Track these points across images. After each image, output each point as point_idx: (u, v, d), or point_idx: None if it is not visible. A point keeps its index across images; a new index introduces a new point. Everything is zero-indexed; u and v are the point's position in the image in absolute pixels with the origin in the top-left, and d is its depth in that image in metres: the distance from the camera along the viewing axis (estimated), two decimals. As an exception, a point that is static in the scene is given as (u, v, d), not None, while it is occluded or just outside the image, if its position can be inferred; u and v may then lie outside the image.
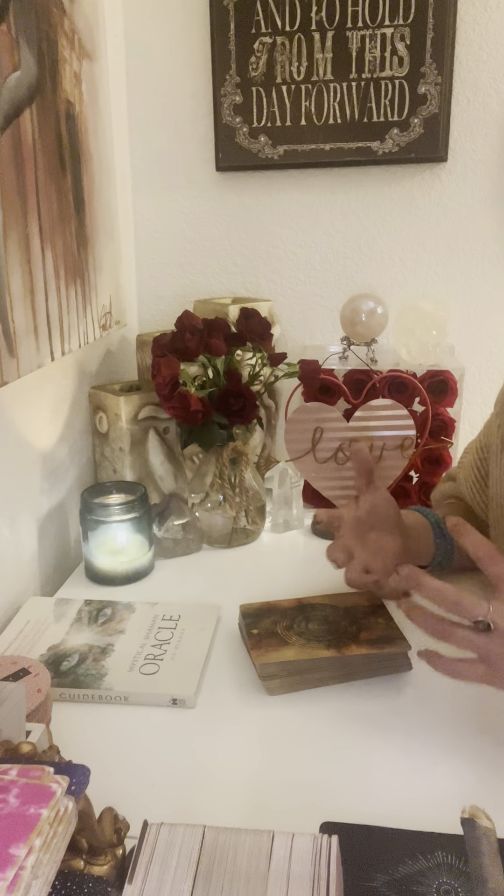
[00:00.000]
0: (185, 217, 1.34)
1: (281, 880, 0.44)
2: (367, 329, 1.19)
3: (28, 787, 0.43)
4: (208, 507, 1.10)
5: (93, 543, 0.99)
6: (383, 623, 0.81)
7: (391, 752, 0.68)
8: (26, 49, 0.85)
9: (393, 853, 0.54)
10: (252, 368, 1.09)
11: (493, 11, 1.16)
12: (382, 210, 1.28)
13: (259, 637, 0.79)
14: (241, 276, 1.35)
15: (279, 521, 1.16)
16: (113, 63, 1.19)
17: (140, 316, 1.40)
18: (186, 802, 0.62)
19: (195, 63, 1.25)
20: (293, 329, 1.36)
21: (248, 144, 1.25)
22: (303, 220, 1.31)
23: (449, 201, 1.26)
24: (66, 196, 0.99)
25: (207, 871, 0.45)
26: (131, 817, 0.55)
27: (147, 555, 1.01)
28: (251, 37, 1.20)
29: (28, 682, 0.68)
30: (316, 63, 1.20)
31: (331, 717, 0.72)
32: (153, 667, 0.79)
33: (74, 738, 0.68)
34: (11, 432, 0.94)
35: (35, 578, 1.00)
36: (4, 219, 0.81)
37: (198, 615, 0.88)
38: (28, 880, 0.39)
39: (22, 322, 0.86)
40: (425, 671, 0.78)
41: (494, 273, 1.28)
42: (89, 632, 0.85)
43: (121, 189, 1.26)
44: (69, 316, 1.01)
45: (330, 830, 0.50)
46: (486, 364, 1.32)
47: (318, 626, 0.81)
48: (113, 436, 1.12)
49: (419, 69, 1.17)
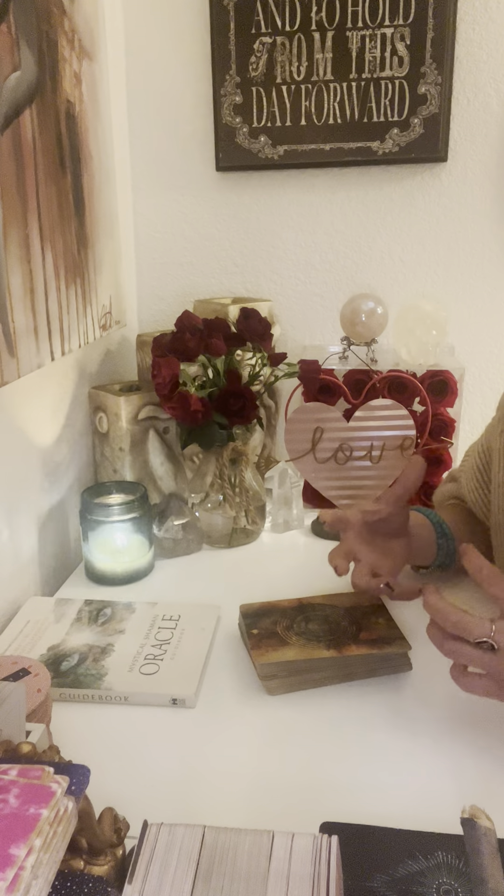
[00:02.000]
0: (185, 217, 1.34)
1: (281, 880, 0.44)
2: (367, 329, 1.19)
3: (28, 787, 0.43)
4: (208, 507, 1.10)
5: (93, 543, 0.99)
6: (383, 623, 0.81)
7: (391, 752, 0.68)
8: (26, 49, 0.85)
9: (393, 853, 0.54)
10: (252, 368, 1.09)
11: (493, 11, 1.16)
12: (382, 210, 1.28)
13: (259, 637, 0.79)
14: (241, 276, 1.35)
15: (279, 521, 1.16)
16: (113, 63, 1.19)
17: (140, 316, 1.40)
18: (186, 802, 0.62)
19: (195, 63, 1.25)
20: (293, 329, 1.36)
21: (248, 144, 1.25)
22: (303, 220, 1.31)
23: (449, 201, 1.26)
24: (66, 196, 0.99)
25: (207, 871, 0.45)
26: (131, 817, 0.55)
27: (147, 555, 1.01)
28: (251, 37, 1.20)
29: (28, 682, 0.67)
30: (316, 63, 1.20)
31: (331, 717, 0.72)
32: (153, 667, 0.79)
33: (74, 738, 0.69)
34: (12, 432, 0.94)
35: (35, 578, 1.00)
36: (4, 219, 0.81)
37: (198, 615, 0.88)
38: (28, 880, 0.39)
39: (22, 322, 0.86)
40: (425, 671, 0.78)
41: (494, 273, 1.28)
42: (89, 632, 0.85)
43: (121, 189, 1.26)
44: (69, 316, 1.01)
45: (330, 830, 0.50)
46: (486, 364, 1.32)
47: (318, 627, 0.80)
48: (113, 436, 1.12)
49: (419, 69, 1.17)
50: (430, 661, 0.80)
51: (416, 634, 0.81)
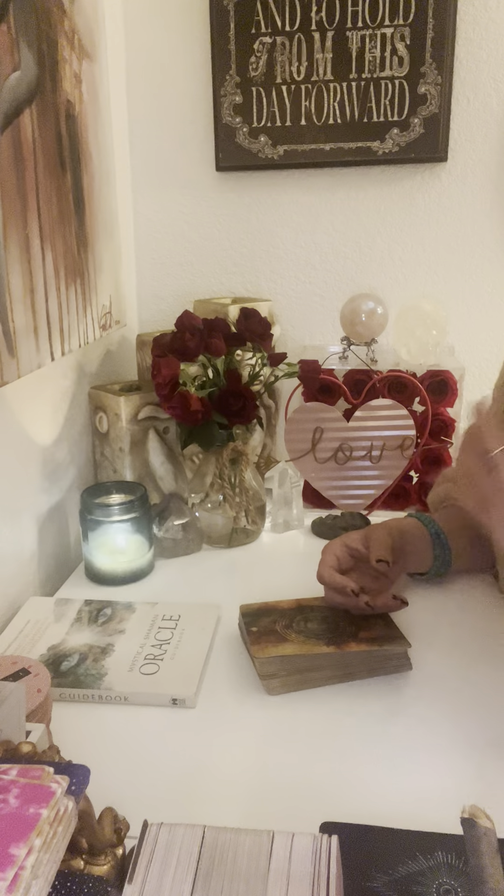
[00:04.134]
0: (185, 217, 1.34)
1: (281, 880, 0.44)
2: (367, 329, 1.19)
3: (28, 787, 0.43)
4: (208, 507, 1.10)
5: (93, 543, 0.99)
6: (382, 624, 0.81)
7: (391, 751, 0.68)
8: (26, 49, 0.85)
9: (393, 853, 0.54)
10: (252, 368, 1.09)
11: (493, 11, 1.16)
12: (382, 210, 1.28)
13: (258, 634, 0.79)
14: (241, 276, 1.35)
15: (279, 521, 1.16)
16: (113, 63, 1.19)
17: (140, 316, 1.40)
18: (186, 802, 0.62)
19: (195, 63, 1.25)
20: (293, 329, 1.36)
21: (248, 144, 1.25)
22: (303, 220, 1.31)
23: (449, 201, 1.26)
24: (66, 196, 0.99)
25: (207, 871, 0.45)
26: (131, 817, 0.55)
27: (147, 555, 1.01)
28: (251, 37, 1.20)
29: (28, 682, 0.67)
30: (316, 63, 1.20)
31: (331, 717, 0.72)
32: (153, 667, 0.79)
33: (74, 738, 0.68)
34: (12, 432, 0.94)
35: (35, 578, 1.00)
36: (4, 219, 0.81)
37: (198, 615, 0.88)
38: (28, 880, 0.39)
39: (22, 322, 0.86)
40: (425, 671, 0.78)
41: (494, 273, 1.28)
42: (89, 632, 0.85)
43: (121, 189, 1.26)
44: (69, 316, 1.01)
45: (330, 830, 0.50)
46: (486, 364, 1.32)
47: (317, 626, 0.80)
48: (113, 436, 1.12)
49: (419, 69, 1.17)
50: (430, 661, 0.80)
51: (416, 635, 0.81)
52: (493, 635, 0.85)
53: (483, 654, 0.81)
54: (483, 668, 0.79)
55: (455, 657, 0.81)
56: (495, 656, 0.81)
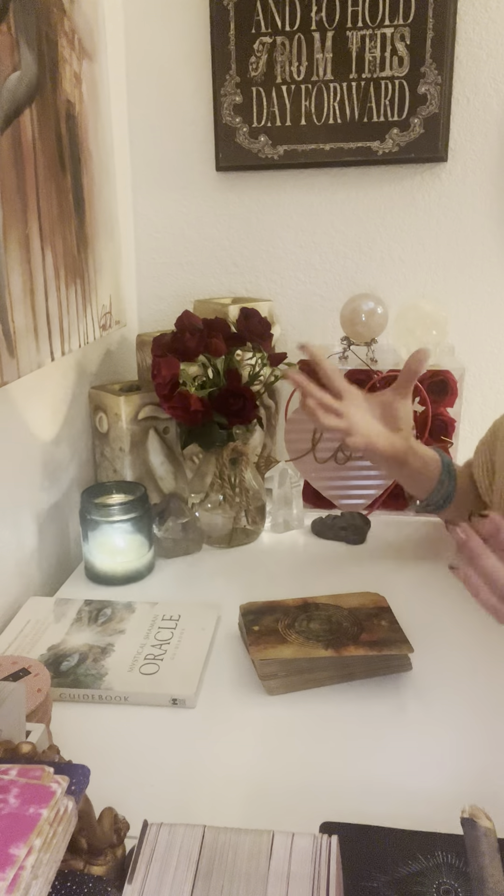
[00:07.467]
0: (185, 217, 1.34)
1: (281, 880, 0.44)
2: (367, 329, 1.19)
3: (28, 787, 0.43)
4: (208, 507, 1.10)
5: (93, 543, 0.99)
6: (386, 626, 0.80)
7: (391, 751, 0.68)
8: (26, 49, 0.85)
9: (393, 853, 0.54)
10: (252, 368, 1.09)
11: (493, 11, 1.16)
12: (382, 210, 1.28)
13: (259, 634, 0.79)
14: (241, 276, 1.35)
15: (279, 521, 1.16)
16: (113, 63, 1.19)
17: (140, 316, 1.40)
18: (186, 802, 0.62)
19: (195, 63, 1.25)
20: (293, 329, 1.36)
21: (248, 144, 1.25)
22: (303, 220, 1.31)
23: (449, 201, 1.26)
24: (66, 196, 0.99)
25: (207, 871, 0.45)
26: (131, 817, 0.55)
27: (147, 555, 1.01)
28: (251, 37, 1.20)
29: (28, 682, 0.67)
30: (316, 63, 1.20)
31: (331, 717, 0.72)
32: (153, 667, 0.79)
33: (74, 738, 0.68)
34: (12, 432, 0.94)
35: (35, 578, 1.00)
36: (4, 219, 0.81)
37: (198, 615, 0.88)
38: (28, 880, 0.39)
39: (22, 322, 0.86)
40: (426, 671, 0.78)
41: (494, 273, 1.28)
42: (89, 632, 0.85)
43: (121, 189, 1.26)
44: (69, 316, 1.01)
45: (330, 830, 0.50)
46: (486, 364, 1.32)
47: (319, 626, 0.80)
48: (113, 436, 1.12)
49: (419, 69, 1.17)
50: (430, 661, 0.80)
51: (416, 635, 0.81)
52: (493, 635, 0.85)
53: (483, 654, 0.81)
54: (483, 668, 0.79)
55: (455, 657, 0.81)
56: (496, 656, 0.81)
